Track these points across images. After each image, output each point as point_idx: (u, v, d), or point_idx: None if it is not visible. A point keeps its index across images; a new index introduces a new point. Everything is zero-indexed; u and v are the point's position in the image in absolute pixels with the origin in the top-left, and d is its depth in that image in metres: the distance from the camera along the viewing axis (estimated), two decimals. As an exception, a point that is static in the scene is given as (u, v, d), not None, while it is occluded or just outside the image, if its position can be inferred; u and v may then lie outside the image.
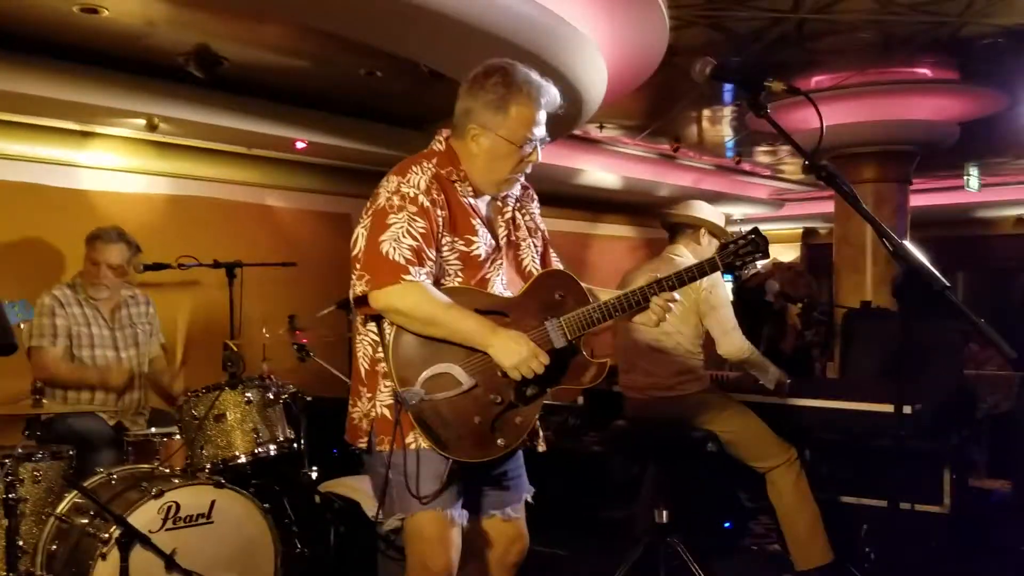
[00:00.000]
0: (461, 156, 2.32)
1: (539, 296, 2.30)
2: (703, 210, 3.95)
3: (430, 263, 2.19)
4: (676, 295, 2.33)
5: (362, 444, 2.31)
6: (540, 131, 2.29)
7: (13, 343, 1.07)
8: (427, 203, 2.20)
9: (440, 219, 2.22)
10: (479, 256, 2.29)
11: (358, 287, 2.18)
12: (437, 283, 2.24)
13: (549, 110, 2.31)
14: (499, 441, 2.22)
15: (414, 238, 2.16)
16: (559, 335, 2.24)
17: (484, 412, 2.20)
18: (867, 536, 3.97)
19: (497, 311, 2.24)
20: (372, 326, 2.27)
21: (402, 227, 2.16)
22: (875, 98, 6.71)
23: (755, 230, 2.38)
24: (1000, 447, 5.02)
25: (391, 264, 2.13)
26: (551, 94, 2.30)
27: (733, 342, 3.76)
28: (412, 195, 2.20)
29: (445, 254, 2.25)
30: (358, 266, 2.20)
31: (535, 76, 2.28)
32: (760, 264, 2.41)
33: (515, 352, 2.15)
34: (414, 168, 2.26)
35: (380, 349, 2.23)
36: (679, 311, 3.75)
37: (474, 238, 2.28)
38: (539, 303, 2.28)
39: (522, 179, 2.41)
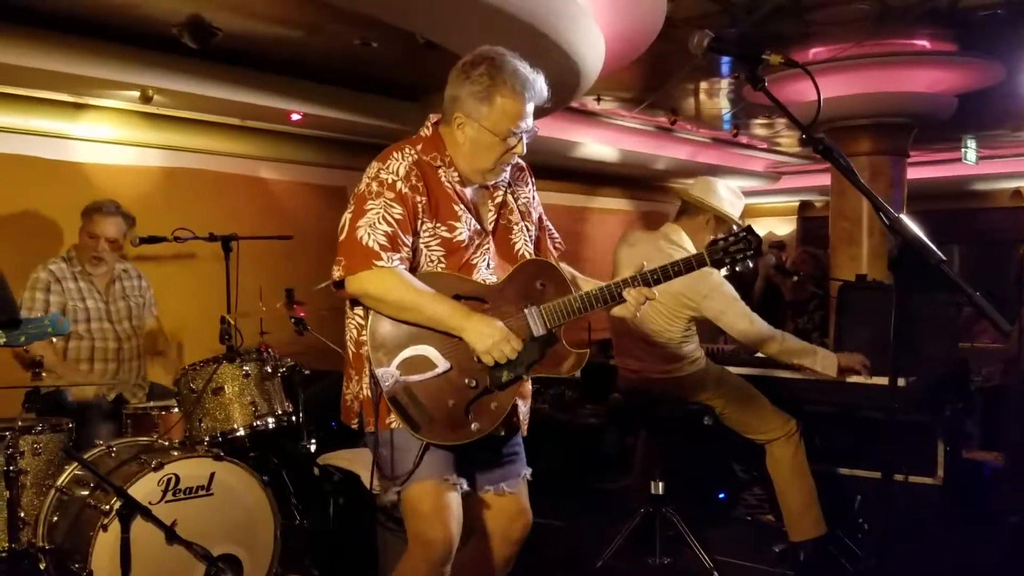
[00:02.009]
0: (447, 142, 2.32)
1: (520, 284, 2.30)
2: (717, 194, 3.74)
3: (405, 249, 2.20)
4: (655, 292, 2.32)
5: (355, 424, 2.34)
6: (525, 124, 2.28)
7: (17, 318, 1.08)
8: (405, 189, 2.21)
9: (419, 205, 2.23)
10: (462, 242, 2.29)
11: (335, 272, 2.21)
12: (418, 269, 2.26)
13: (535, 103, 2.29)
14: (473, 426, 2.23)
15: (389, 224, 2.18)
16: (538, 323, 2.25)
17: (458, 396, 2.22)
18: (860, 507, 4.01)
19: (476, 297, 2.26)
20: (359, 310, 2.29)
21: (378, 213, 2.18)
22: (872, 70, 6.67)
23: (748, 228, 2.38)
24: (992, 420, 5.07)
25: (364, 250, 2.16)
26: (537, 87, 2.28)
27: (762, 336, 3.65)
28: (390, 181, 2.22)
29: (427, 239, 2.26)
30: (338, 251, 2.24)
31: (523, 69, 2.26)
32: (751, 264, 2.40)
33: (487, 336, 2.17)
34: (395, 155, 2.27)
35: (364, 332, 2.25)
36: (665, 313, 3.72)
37: (456, 224, 2.28)
38: (519, 291, 2.29)
39: (509, 169, 2.40)
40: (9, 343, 3.00)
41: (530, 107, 2.28)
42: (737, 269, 2.39)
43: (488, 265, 2.34)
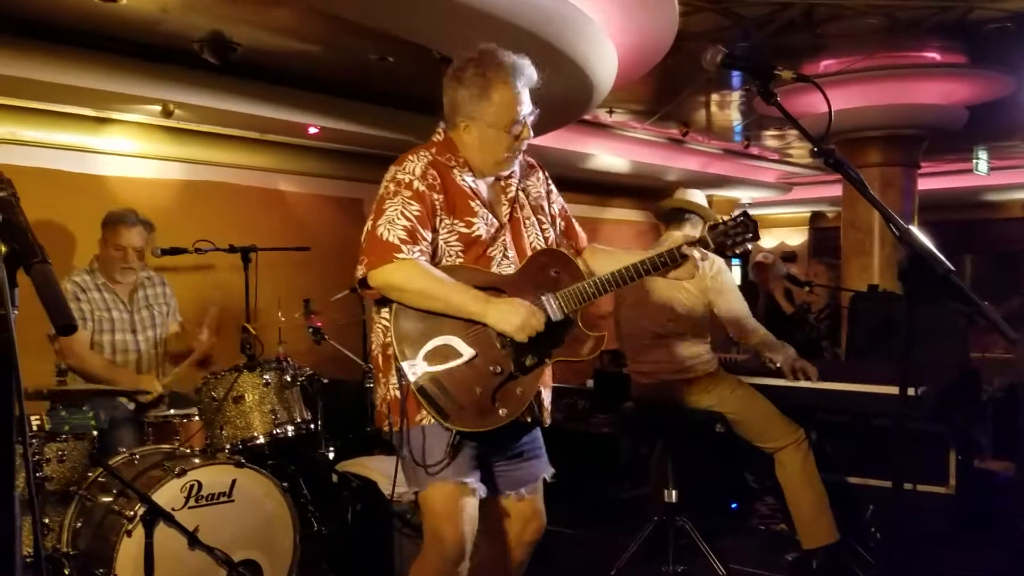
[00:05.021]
0: (459, 144, 2.41)
1: (534, 273, 2.37)
2: (699, 196, 4.01)
3: (424, 242, 2.27)
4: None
5: (386, 427, 2.38)
6: (525, 108, 2.36)
7: (74, 324, 1.13)
8: (422, 187, 2.29)
9: (436, 202, 2.31)
10: (479, 236, 2.36)
11: (359, 270, 2.28)
12: (438, 264, 2.32)
13: (529, 87, 2.37)
14: (501, 411, 2.28)
15: (407, 219, 2.25)
16: (555, 309, 2.31)
17: (484, 383, 2.27)
18: (872, 516, 4.03)
19: (493, 288, 2.31)
20: (385, 312, 2.33)
21: (396, 210, 2.26)
22: (883, 82, 6.71)
23: (744, 213, 2.47)
24: (1004, 429, 5.08)
25: (385, 244, 2.23)
26: (527, 71, 2.36)
27: (745, 325, 3.81)
28: (407, 180, 2.30)
29: (445, 236, 2.33)
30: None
31: (509, 58, 2.35)
32: (751, 246, 2.51)
33: (514, 315, 2.23)
34: (411, 157, 2.36)
35: (389, 334, 2.29)
36: (688, 298, 3.81)
37: (474, 219, 2.35)
38: (535, 280, 2.36)
39: (521, 155, 2.46)
40: (54, 429, 3.10)
41: (525, 93, 2.36)
42: (738, 252, 2.47)
43: (505, 256, 2.40)
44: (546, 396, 2.50)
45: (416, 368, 2.22)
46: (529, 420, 2.44)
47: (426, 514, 2.34)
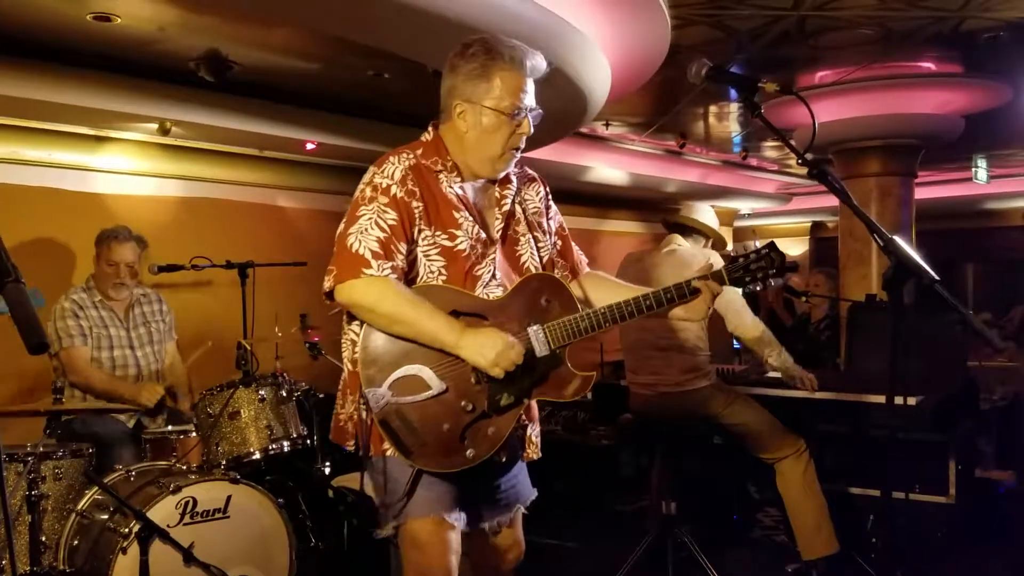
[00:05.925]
0: (449, 141, 2.20)
1: (523, 300, 2.16)
2: (707, 213, 4.02)
3: (400, 256, 2.08)
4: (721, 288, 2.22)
5: (350, 446, 2.21)
6: (528, 99, 2.16)
7: (45, 342, 1.13)
8: (400, 194, 2.10)
9: (416, 211, 2.11)
10: (463, 251, 2.14)
11: (326, 282, 2.10)
12: (417, 279, 2.14)
13: (535, 76, 2.18)
14: (468, 452, 2.08)
15: (382, 230, 2.06)
16: (541, 343, 2.12)
17: (454, 420, 2.07)
18: (873, 526, 4.02)
19: (476, 313, 2.11)
20: (355, 324, 2.15)
21: (370, 219, 2.07)
22: (878, 92, 6.71)
23: (771, 244, 2.23)
24: (1007, 438, 5.08)
25: (354, 257, 2.04)
26: (536, 59, 2.17)
27: (744, 321, 3.81)
28: (385, 185, 2.10)
29: (425, 248, 2.13)
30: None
31: (517, 43, 2.16)
32: (775, 283, 2.30)
33: (488, 348, 2.02)
34: (392, 159, 2.16)
35: (357, 350, 2.10)
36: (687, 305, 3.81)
37: (457, 232, 2.14)
38: (523, 308, 2.15)
39: (519, 156, 2.25)
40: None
41: (530, 83, 2.17)
42: (758, 288, 2.29)
43: (494, 276, 2.20)
44: (532, 431, 2.35)
45: (381, 397, 2.02)
46: (504, 460, 2.24)
47: (408, 548, 2.15)
